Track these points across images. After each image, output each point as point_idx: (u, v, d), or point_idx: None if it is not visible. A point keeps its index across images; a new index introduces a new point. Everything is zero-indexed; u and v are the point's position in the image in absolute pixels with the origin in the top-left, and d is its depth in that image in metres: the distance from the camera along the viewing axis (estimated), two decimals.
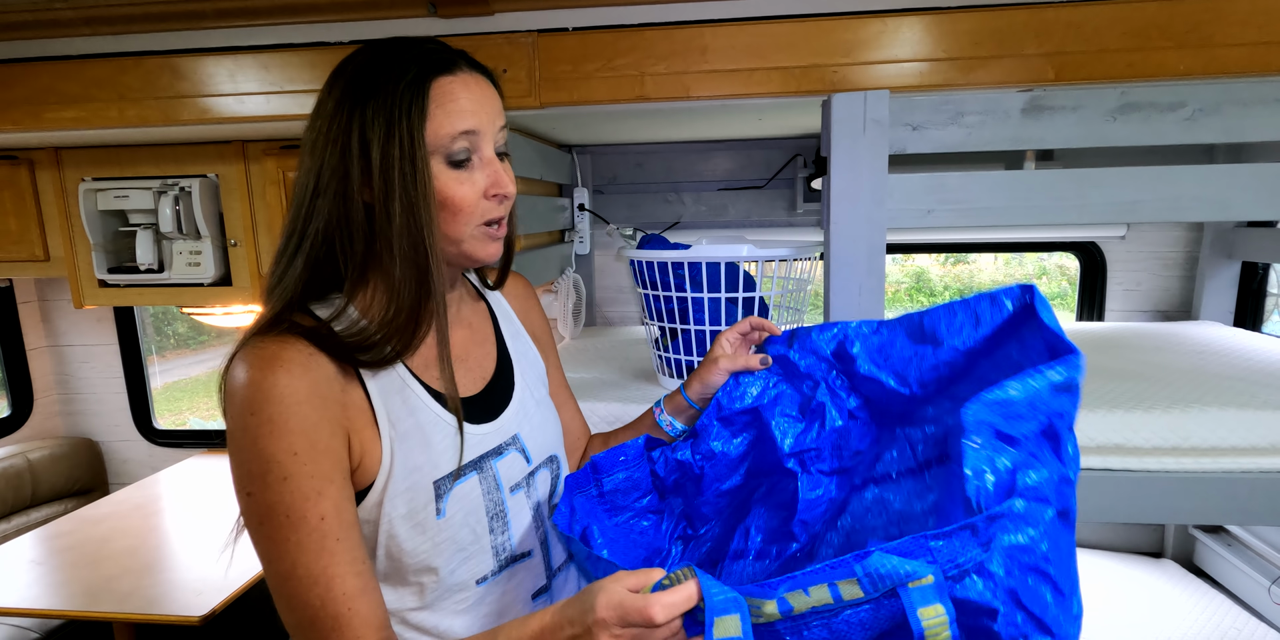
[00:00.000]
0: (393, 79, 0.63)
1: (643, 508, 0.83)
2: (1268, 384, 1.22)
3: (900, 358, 0.78)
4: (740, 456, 0.84)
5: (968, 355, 0.74)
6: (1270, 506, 1.04)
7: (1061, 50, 1.02)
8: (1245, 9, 0.99)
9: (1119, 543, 2.03)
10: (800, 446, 0.82)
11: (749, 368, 0.84)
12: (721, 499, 0.84)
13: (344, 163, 0.63)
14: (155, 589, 1.51)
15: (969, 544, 0.51)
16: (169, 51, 1.23)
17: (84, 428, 2.39)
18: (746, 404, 0.83)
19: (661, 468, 0.82)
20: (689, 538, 0.86)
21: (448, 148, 0.65)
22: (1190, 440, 1.07)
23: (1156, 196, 1.01)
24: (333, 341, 0.64)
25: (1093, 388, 1.21)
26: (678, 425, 0.87)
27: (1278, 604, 1.64)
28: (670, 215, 2.00)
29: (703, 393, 0.85)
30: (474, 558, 0.71)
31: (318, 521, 0.59)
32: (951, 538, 0.51)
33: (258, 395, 0.59)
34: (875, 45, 1.05)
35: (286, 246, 0.67)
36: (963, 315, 0.74)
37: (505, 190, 0.67)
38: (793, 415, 0.83)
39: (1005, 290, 0.73)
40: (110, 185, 1.68)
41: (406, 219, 0.63)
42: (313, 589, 0.59)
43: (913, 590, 0.49)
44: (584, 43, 1.12)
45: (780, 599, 0.51)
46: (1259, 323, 1.89)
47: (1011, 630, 0.54)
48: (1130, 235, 1.96)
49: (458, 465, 0.69)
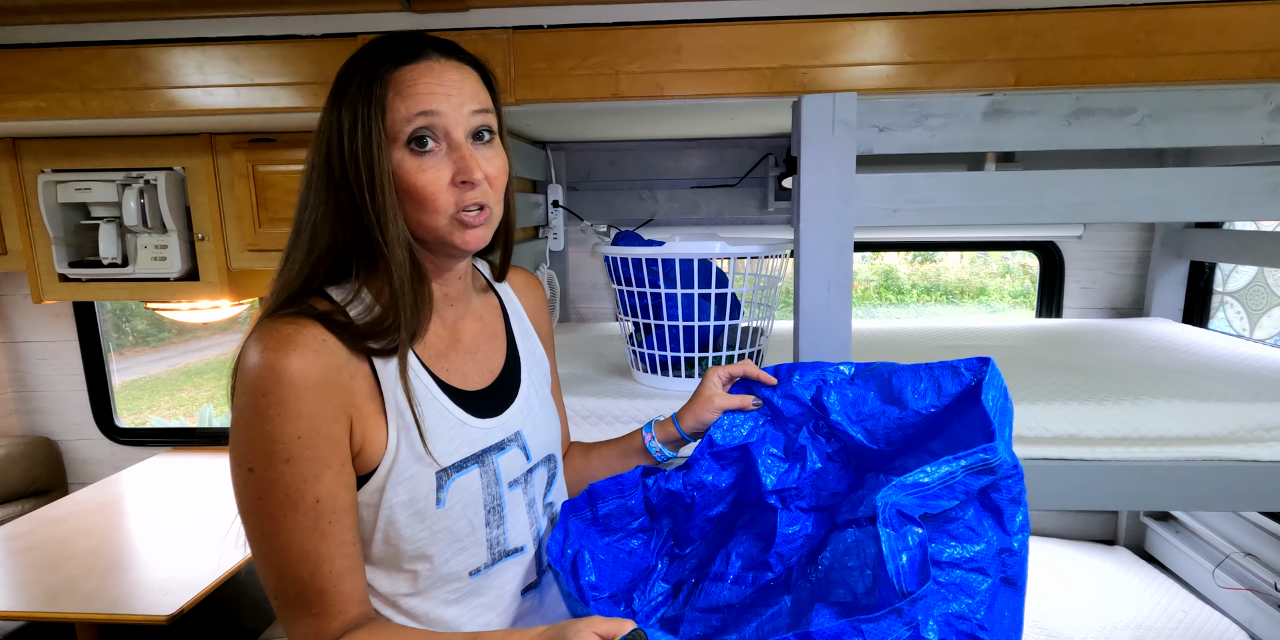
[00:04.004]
0: (358, 74, 0.66)
1: (634, 529, 0.87)
2: (1211, 377, 1.28)
3: (870, 414, 0.83)
4: (728, 487, 0.89)
5: (930, 419, 0.79)
6: (1213, 492, 1.10)
7: (1021, 56, 1.06)
8: (1191, 20, 1.04)
9: (1074, 530, 2.11)
10: (782, 485, 0.87)
11: (743, 408, 0.88)
12: (708, 524, 0.89)
13: (326, 157, 0.66)
14: (120, 589, 1.48)
15: (896, 625, 0.56)
16: (134, 41, 1.21)
17: (42, 426, 2.32)
18: (738, 442, 0.88)
19: (654, 495, 0.86)
20: (675, 556, 0.90)
21: (404, 131, 0.65)
22: (1139, 430, 1.12)
23: (1108, 198, 1.05)
24: (346, 327, 0.65)
25: (1047, 381, 1.27)
26: (667, 452, 0.90)
27: (1222, 587, 1.72)
28: (644, 212, 2.02)
29: (695, 428, 0.89)
30: (468, 549, 0.72)
31: (313, 503, 0.62)
32: (880, 621, 0.56)
33: (270, 377, 0.61)
34: (844, 48, 1.08)
35: (292, 237, 0.69)
36: (927, 382, 0.80)
37: (471, 176, 0.66)
38: (778, 455, 0.88)
39: (966, 362, 0.79)
40: (71, 177, 1.64)
41: (374, 209, 0.65)
42: (302, 564, 0.62)
43: None
44: (559, 40, 1.13)
45: None
46: (1206, 319, 1.98)
47: None
48: (1087, 235, 2.03)
49: (461, 457, 0.71)
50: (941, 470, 0.64)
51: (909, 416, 0.81)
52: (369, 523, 0.68)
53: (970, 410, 0.75)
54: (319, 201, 0.67)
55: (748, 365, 0.90)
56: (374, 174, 0.64)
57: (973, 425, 0.73)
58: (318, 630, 0.64)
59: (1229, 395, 1.16)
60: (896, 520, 0.61)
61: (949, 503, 0.65)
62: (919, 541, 0.60)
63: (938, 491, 0.64)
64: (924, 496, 0.64)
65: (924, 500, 0.63)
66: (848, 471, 0.86)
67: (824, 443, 0.87)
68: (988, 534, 0.65)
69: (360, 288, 0.69)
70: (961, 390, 0.78)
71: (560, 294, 1.95)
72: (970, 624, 0.61)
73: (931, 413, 0.79)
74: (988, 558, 0.64)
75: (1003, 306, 4.27)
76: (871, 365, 0.86)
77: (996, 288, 4.39)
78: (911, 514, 0.62)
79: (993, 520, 0.67)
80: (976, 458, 0.65)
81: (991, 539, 0.65)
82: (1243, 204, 1.05)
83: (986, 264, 4.35)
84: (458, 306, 0.77)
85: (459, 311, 0.77)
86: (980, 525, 0.66)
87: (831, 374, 0.86)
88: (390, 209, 0.65)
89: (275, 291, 0.68)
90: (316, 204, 0.67)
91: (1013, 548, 0.66)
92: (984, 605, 0.62)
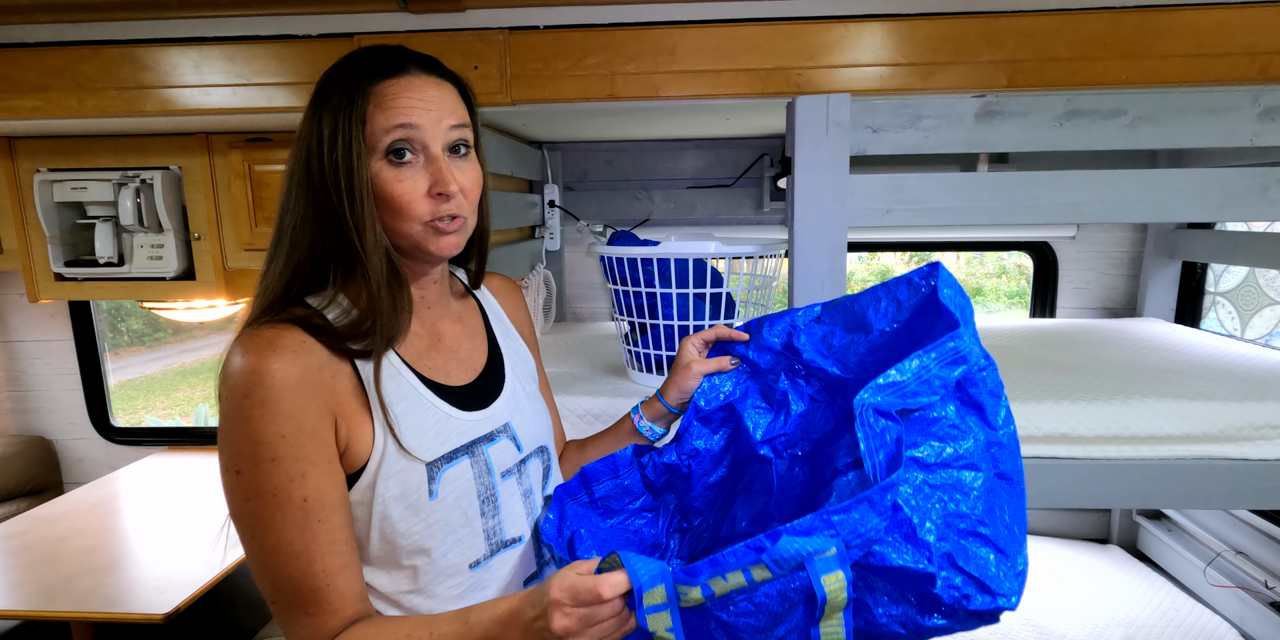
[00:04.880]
0: (341, 85, 0.68)
1: (637, 509, 0.87)
2: (1202, 377, 1.29)
3: (841, 346, 0.83)
4: (722, 450, 0.89)
5: (896, 336, 0.79)
6: (1204, 490, 1.11)
7: (1013, 58, 1.07)
8: (1181, 23, 1.05)
9: (1068, 530, 2.12)
10: (771, 434, 0.86)
11: (721, 369, 0.88)
12: (710, 492, 0.88)
13: (306, 163, 0.68)
14: (116, 588, 1.48)
15: (868, 514, 0.56)
16: (131, 41, 1.21)
17: (37, 426, 2.32)
18: (722, 402, 0.88)
19: (651, 472, 0.86)
20: (685, 530, 0.89)
21: (383, 142, 0.67)
22: (1130, 429, 1.13)
23: (1099, 198, 1.06)
24: (325, 329, 0.67)
25: (1040, 381, 1.27)
26: (657, 430, 0.91)
27: (1213, 585, 1.73)
28: (640, 212, 2.03)
29: (680, 398, 0.89)
30: (465, 541, 0.73)
31: (300, 502, 0.63)
32: (850, 511, 0.56)
33: (252, 379, 0.62)
34: (838, 50, 1.09)
35: (274, 239, 0.70)
36: (886, 300, 0.80)
37: (446, 189, 0.68)
38: (762, 406, 0.88)
39: (918, 271, 0.78)
40: (67, 176, 1.64)
41: (350, 215, 0.67)
42: (294, 563, 0.63)
43: (817, 561, 0.55)
44: (555, 41, 1.13)
45: (703, 585, 0.56)
46: (1198, 319, 1.99)
47: (953, 592, 0.59)
48: (1080, 236, 2.04)
49: (450, 448, 0.72)
50: (913, 364, 0.64)
51: (877, 338, 0.80)
52: (363, 521, 0.69)
53: (934, 319, 0.75)
54: (298, 205, 0.69)
55: (719, 328, 0.91)
56: (353, 182, 0.66)
57: (939, 331, 0.72)
58: (314, 630, 0.64)
59: (1220, 394, 1.17)
60: (872, 418, 0.62)
61: (928, 398, 0.64)
62: (895, 437, 0.61)
63: (915, 388, 0.64)
64: (901, 394, 0.64)
65: (902, 398, 0.63)
66: (833, 411, 0.85)
67: (804, 385, 0.87)
68: (973, 431, 0.65)
69: (337, 293, 0.71)
70: (920, 300, 0.78)
71: (556, 294, 1.96)
72: (969, 520, 0.60)
73: (896, 329, 0.79)
74: (977, 454, 0.64)
75: (999, 307, 4.29)
76: (835, 301, 0.86)
77: (993, 288, 4.41)
78: (888, 410, 0.62)
79: (976, 416, 0.66)
80: (945, 347, 0.65)
81: (978, 435, 0.65)
82: (1232, 205, 1.06)
83: (983, 265, 4.37)
84: (435, 309, 0.79)
85: (437, 314, 0.79)
86: (964, 423, 0.65)
87: (799, 318, 0.86)
88: (369, 216, 0.67)
89: (257, 298, 0.70)
90: (296, 207, 0.69)
91: (1001, 442, 0.66)
92: (980, 501, 0.61)
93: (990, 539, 0.61)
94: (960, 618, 0.60)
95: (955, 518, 0.60)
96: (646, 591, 0.56)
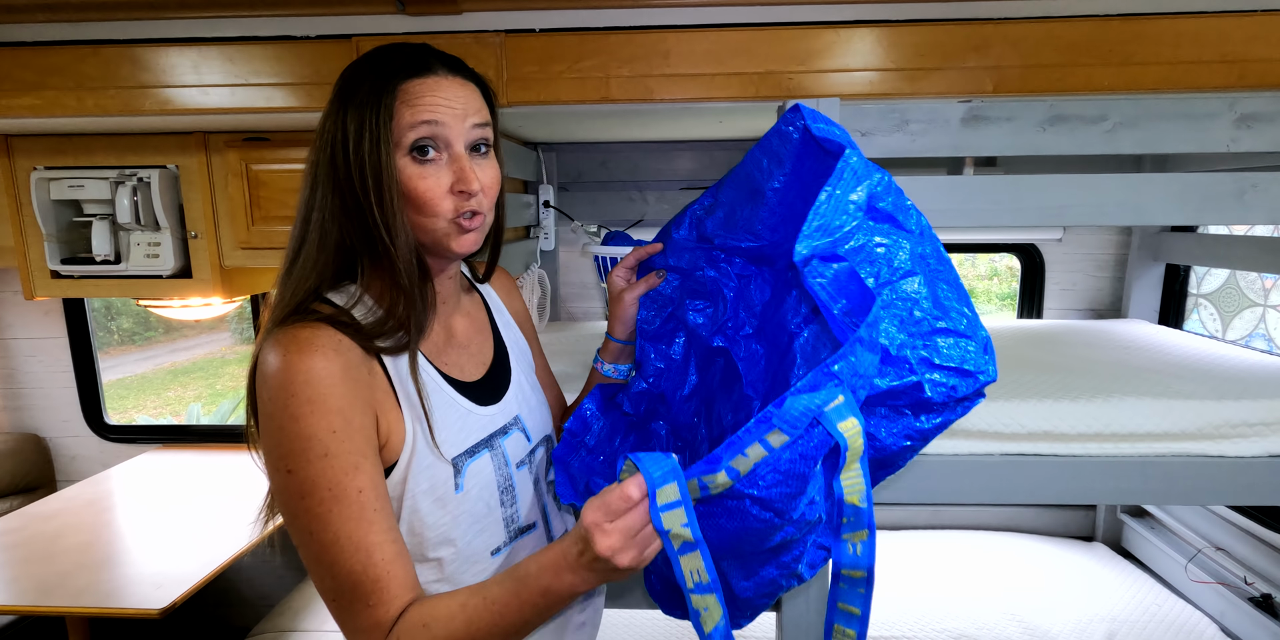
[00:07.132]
0: (368, 82, 0.68)
1: (631, 444, 0.87)
2: (1184, 376, 1.32)
3: (744, 218, 0.84)
4: (683, 360, 0.90)
5: (789, 188, 0.79)
6: (1183, 487, 1.14)
7: (999, 64, 1.10)
8: (1163, 31, 1.07)
9: (1053, 527, 2.15)
10: (717, 323, 0.87)
11: (651, 287, 0.91)
12: (690, 403, 0.89)
13: (331, 159, 0.68)
14: (111, 583, 1.49)
15: (864, 354, 0.57)
16: (130, 40, 1.22)
17: (30, 423, 2.32)
18: (665, 315, 0.89)
19: (629, 406, 0.87)
20: (683, 448, 0.90)
21: (407, 138, 0.68)
22: (1112, 427, 1.15)
23: (1083, 202, 1.09)
24: (354, 328, 0.68)
25: (1025, 380, 1.30)
26: (621, 368, 0.93)
27: (1194, 581, 1.77)
28: (634, 213, 2.04)
29: (626, 330, 0.91)
30: (487, 529, 0.76)
31: (357, 494, 0.63)
32: (846, 357, 0.57)
33: (297, 378, 0.63)
34: (828, 55, 1.11)
35: (297, 236, 0.71)
36: (765, 157, 0.80)
37: (469, 187, 0.69)
38: (700, 304, 0.89)
39: (782, 119, 0.78)
40: (64, 174, 1.64)
41: (379, 211, 0.67)
42: (355, 555, 0.63)
43: (829, 412, 0.56)
44: (551, 44, 1.15)
45: (728, 467, 0.57)
46: (1180, 320, 2.03)
47: (940, 390, 0.62)
48: (1066, 238, 2.07)
49: (473, 442, 0.74)
50: (824, 199, 0.65)
51: (772, 198, 0.80)
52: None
53: (819, 157, 0.75)
54: (325, 201, 0.69)
55: (635, 250, 0.92)
56: (381, 178, 0.67)
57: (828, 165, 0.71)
58: (377, 621, 0.64)
59: (1199, 393, 1.20)
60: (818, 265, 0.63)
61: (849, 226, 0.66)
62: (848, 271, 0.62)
63: (838, 222, 0.65)
64: (828, 231, 0.64)
65: (830, 235, 0.65)
66: (765, 279, 0.85)
67: (727, 267, 0.87)
68: (898, 241, 0.67)
69: (361, 292, 0.72)
70: (797, 146, 0.77)
71: (551, 293, 1.98)
72: (927, 322, 0.63)
73: (787, 181, 0.78)
74: (910, 260, 0.66)
75: (991, 309, 4.33)
76: (719, 180, 0.87)
77: (984, 290, 4.45)
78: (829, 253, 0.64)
79: (892, 226, 0.68)
80: (843, 174, 0.66)
81: (902, 244, 0.67)
82: (1210, 208, 1.09)
83: (974, 267, 4.40)
84: (449, 304, 0.81)
85: (450, 309, 0.81)
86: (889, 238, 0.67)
87: (696, 208, 0.88)
88: (397, 212, 0.68)
89: (286, 296, 0.70)
90: (323, 203, 0.69)
91: (920, 238, 0.68)
92: (927, 300, 0.64)
93: (950, 329, 0.64)
94: (953, 408, 0.63)
95: (915, 324, 0.63)
96: (660, 488, 0.56)
